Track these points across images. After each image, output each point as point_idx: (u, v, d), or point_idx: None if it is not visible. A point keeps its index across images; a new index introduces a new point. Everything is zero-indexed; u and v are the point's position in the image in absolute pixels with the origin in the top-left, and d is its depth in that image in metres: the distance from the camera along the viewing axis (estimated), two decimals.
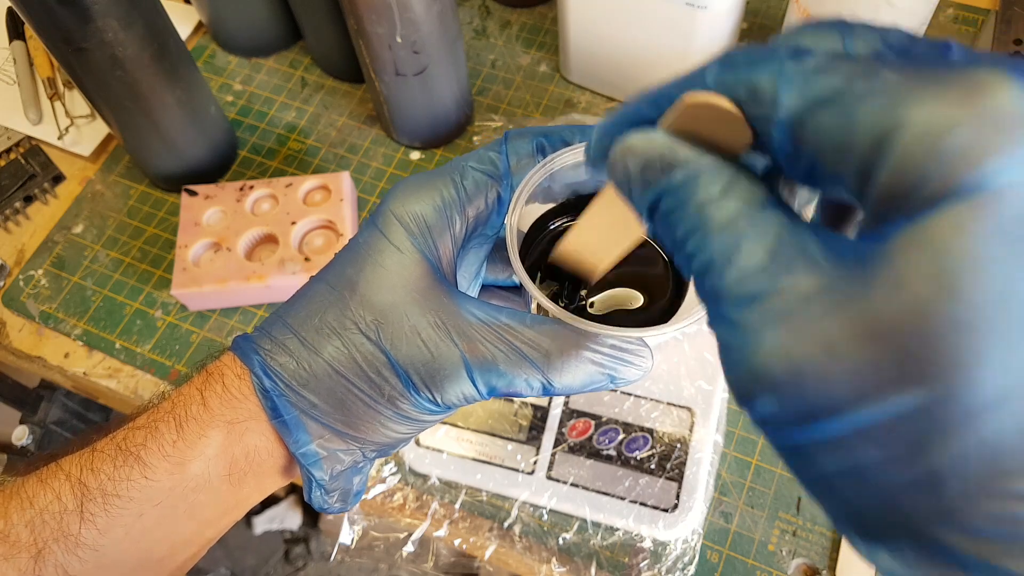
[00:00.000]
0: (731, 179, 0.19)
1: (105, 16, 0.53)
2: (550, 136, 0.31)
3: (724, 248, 0.18)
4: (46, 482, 0.29)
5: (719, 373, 0.56)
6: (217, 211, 0.63)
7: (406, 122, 0.67)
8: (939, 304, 0.14)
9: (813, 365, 0.16)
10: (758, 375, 0.17)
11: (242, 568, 1.35)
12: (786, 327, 0.16)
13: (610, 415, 0.56)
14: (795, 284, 0.17)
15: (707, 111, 0.19)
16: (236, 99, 0.75)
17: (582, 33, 0.65)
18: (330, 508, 0.30)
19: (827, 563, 0.52)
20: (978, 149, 0.14)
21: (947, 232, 0.14)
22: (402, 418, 0.29)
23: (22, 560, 0.28)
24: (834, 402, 0.16)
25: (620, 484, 0.54)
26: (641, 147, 0.20)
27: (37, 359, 0.64)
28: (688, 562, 0.52)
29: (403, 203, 0.29)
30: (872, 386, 0.15)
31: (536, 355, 0.28)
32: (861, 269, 0.16)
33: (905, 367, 0.15)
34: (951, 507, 0.15)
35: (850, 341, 0.15)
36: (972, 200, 0.14)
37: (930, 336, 0.14)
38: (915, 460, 0.15)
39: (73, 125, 0.72)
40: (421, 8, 0.56)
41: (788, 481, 0.54)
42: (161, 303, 0.65)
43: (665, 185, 0.20)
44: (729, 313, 0.18)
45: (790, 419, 0.17)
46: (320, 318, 0.29)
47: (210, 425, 0.29)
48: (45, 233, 0.69)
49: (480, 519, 0.55)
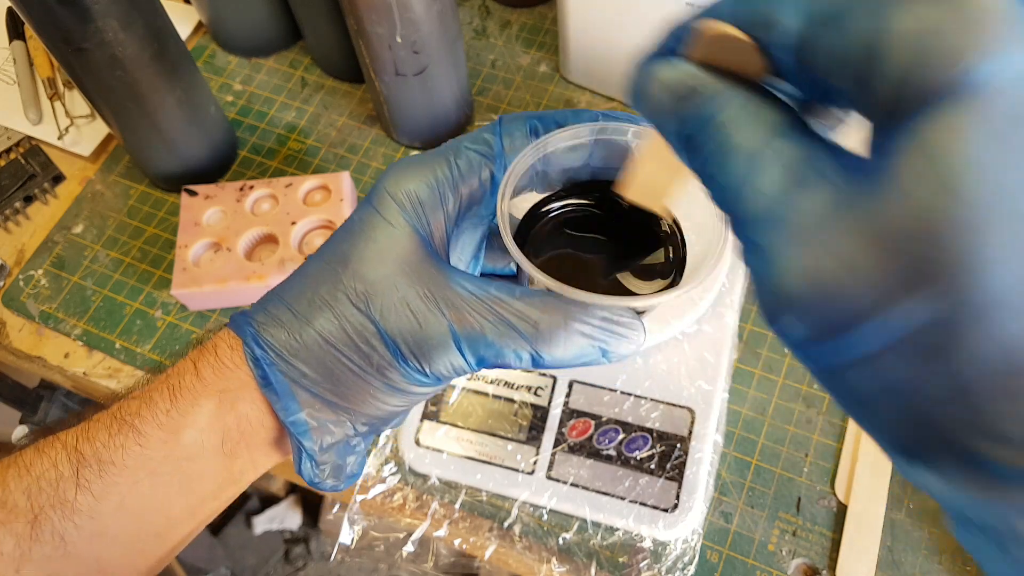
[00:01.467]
0: (750, 104, 0.19)
1: (105, 16, 0.53)
2: (544, 119, 0.31)
3: (743, 170, 0.18)
4: (43, 451, 0.30)
5: (719, 373, 0.56)
6: (217, 211, 0.63)
7: (406, 122, 0.67)
8: (940, 207, 0.15)
9: (833, 279, 0.16)
10: (781, 294, 0.17)
11: (242, 568, 1.35)
12: (804, 245, 0.17)
13: (610, 415, 0.56)
14: (811, 203, 0.17)
15: (721, 40, 0.20)
16: (236, 99, 0.75)
17: (582, 33, 0.65)
18: (321, 483, 0.31)
19: (827, 563, 0.52)
20: (960, 47, 0.15)
21: (940, 135, 0.15)
22: (391, 389, 0.29)
23: (19, 526, 0.28)
24: (856, 314, 0.16)
25: (620, 484, 0.54)
26: (667, 76, 0.21)
27: (37, 359, 0.64)
28: (688, 562, 0.52)
29: (397, 181, 0.30)
30: (889, 294, 0.16)
31: (524, 326, 0.28)
32: (870, 182, 0.16)
33: (917, 272, 0.15)
34: (979, 414, 0.15)
35: (865, 252, 0.16)
36: (961, 100, 0.15)
37: (936, 239, 0.15)
38: (937, 364, 0.15)
39: (73, 125, 0.72)
40: (421, 8, 0.56)
41: (788, 481, 0.54)
42: (161, 303, 0.65)
43: (689, 111, 0.20)
44: (751, 236, 0.18)
45: (816, 336, 0.17)
46: (313, 291, 0.29)
47: (203, 394, 0.30)
48: (45, 233, 0.69)
49: (480, 519, 0.55)
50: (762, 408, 0.57)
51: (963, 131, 0.14)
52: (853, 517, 0.52)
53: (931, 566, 0.51)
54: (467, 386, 0.58)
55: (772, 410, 0.57)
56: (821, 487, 0.54)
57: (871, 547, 0.51)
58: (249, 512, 1.37)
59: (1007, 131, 0.14)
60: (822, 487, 0.54)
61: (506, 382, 0.58)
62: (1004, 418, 0.15)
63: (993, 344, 0.15)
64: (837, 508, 0.53)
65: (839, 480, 0.54)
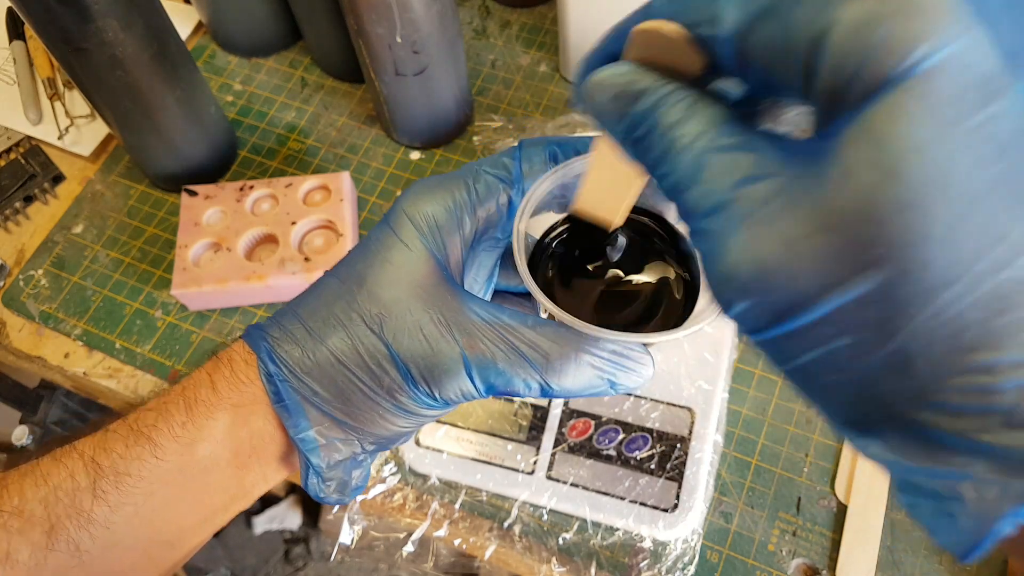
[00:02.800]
0: (692, 101, 0.20)
1: (105, 16, 0.53)
2: (563, 145, 0.31)
3: (689, 165, 0.19)
4: (60, 461, 0.30)
5: (719, 373, 0.56)
6: (217, 211, 0.63)
7: (406, 122, 0.67)
8: (883, 189, 0.15)
9: (777, 262, 0.17)
10: (729, 278, 0.18)
11: (242, 568, 1.35)
12: (748, 230, 0.17)
13: (610, 415, 0.56)
14: (753, 189, 0.18)
15: (657, 38, 0.20)
16: (236, 99, 0.75)
17: (582, 33, 0.65)
18: (326, 498, 0.31)
19: (827, 563, 0.52)
20: (903, 36, 0.15)
21: (884, 119, 0.15)
22: (400, 411, 0.29)
23: (35, 534, 0.29)
24: (801, 296, 0.17)
25: (620, 484, 0.54)
26: (608, 79, 0.21)
27: (37, 359, 0.64)
28: (688, 562, 0.52)
29: (415, 203, 0.30)
30: (832, 274, 0.16)
31: (535, 356, 0.28)
32: (813, 167, 0.17)
33: (860, 252, 0.16)
34: (923, 386, 0.16)
35: (807, 235, 0.16)
36: (903, 86, 0.15)
37: (879, 220, 0.15)
38: (882, 342, 0.16)
39: (73, 125, 0.72)
40: (421, 8, 0.56)
41: (788, 481, 0.54)
42: (161, 303, 0.65)
43: (633, 112, 0.21)
44: (700, 225, 0.19)
45: (764, 317, 0.18)
46: (328, 310, 0.29)
47: (218, 408, 0.30)
48: (45, 233, 0.69)
49: (480, 519, 0.55)
50: (762, 408, 0.57)
51: (905, 115, 0.15)
52: (853, 517, 0.52)
53: (931, 566, 0.51)
54: None
55: (772, 410, 0.57)
56: (821, 487, 0.54)
57: (871, 547, 0.51)
58: (249, 512, 1.37)
59: (947, 114, 0.15)
60: (822, 487, 0.54)
61: None
62: (946, 390, 0.16)
63: (936, 320, 0.15)
64: (837, 508, 0.53)
65: (839, 480, 0.54)
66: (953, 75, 0.15)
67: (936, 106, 0.15)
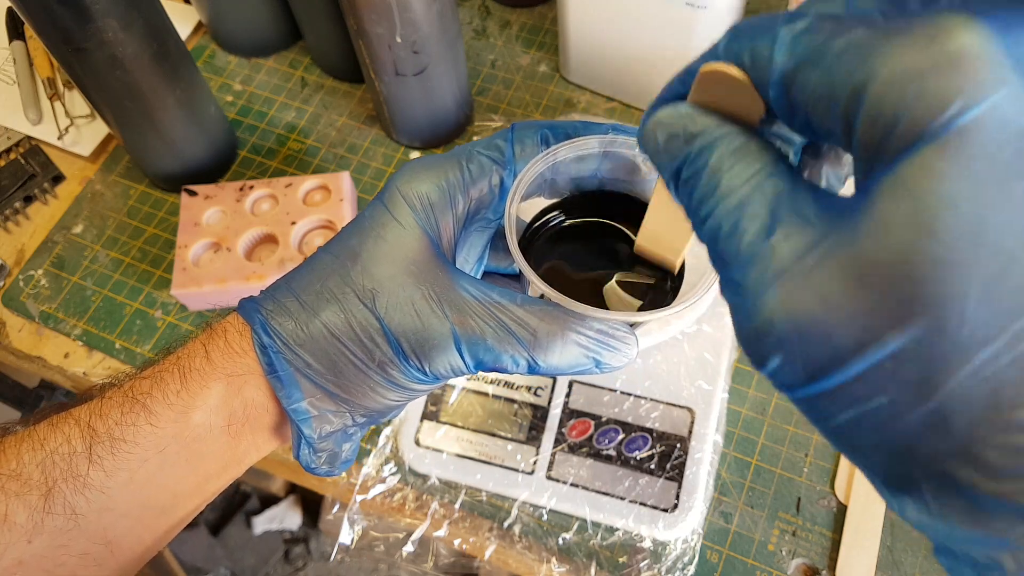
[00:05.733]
0: (742, 146, 0.20)
1: (105, 16, 0.53)
2: (555, 128, 0.32)
3: (728, 213, 0.19)
4: (57, 426, 0.31)
5: (719, 373, 0.56)
6: (217, 211, 0.63)
7: (406, 122, 0.67)
8: (918, 245, 0.15)
9: (812, 318, 0.17)
10: (763, 334, 0.18)
11: (242, 568, 1.35)
12: (783, 285, 0.17)
13: (610, 415, 0.56)
14: (789, 243, 0.17)
15: (720, 80, 0.20)
16: (236, 99, 0.75)
17: (582, 33, 0.65)
18: (317, 468, 0.32)
19: (827, 563, 0.52)
20: (939, 91, 0.15)
21: (920, 175, 0.15)
22: (391, 384, 0.30)
23: (33, 498, 0.29)
24: (837, 352, 0.16)
25: (620, 484, 0.54)
26: (666, 119, 0.21)
27: (37, 359, 0.64)
28: (688, 562, 0.52)
29: (409, 181, 0.30)
30: (868, 331, 0.16)
31: (523, 333, 0.29)
32: (850, 222, 0.17)
33: (895, 308, 0.15)
34: (962, 444, 0.16)
35: (843, 290, 0.16)
36: (941, 141, 0.15)
37: (915, 276, 0.15)
38: (921, 400, 0.16)
39: (73, 125, 0.72)
40: (421, 8, 0.56)
41: (788, 481, 0.54)
42: (161, 303, 0.65)
43: (684, 153, 0.21)
44: (734, 276, 0.19)
45: (799, 374, 0.17)
46: (322, 284, 0.30)
47: (212, 377, 0.31)
48: (45, 233, 0.69)
49: (480, 519, 0.55)
50: (762, 408, 0.57)
51: (941, 171, 0.15)
52: (853, 517, 0.52)
53: (931, 566, 0.51)
54: (467, 386, 0.58)
55: (772, 410, 0.57)
56: (821, 487, 0.54)
57: (871, 547, 0.51)
58: (249, 512, 1.37)
59: (984, 171, 0.15)
60: (822, 487, 0.54)
61: (506, 382, 0.58)
62: (986, 450, 0.15)
63: (975, 378, 0.15)
64: (837, 508, 0.53)
65: (839, 480, 0.54)
66: (989, 130, 0.15)
67: (971, 162, 0.15)
